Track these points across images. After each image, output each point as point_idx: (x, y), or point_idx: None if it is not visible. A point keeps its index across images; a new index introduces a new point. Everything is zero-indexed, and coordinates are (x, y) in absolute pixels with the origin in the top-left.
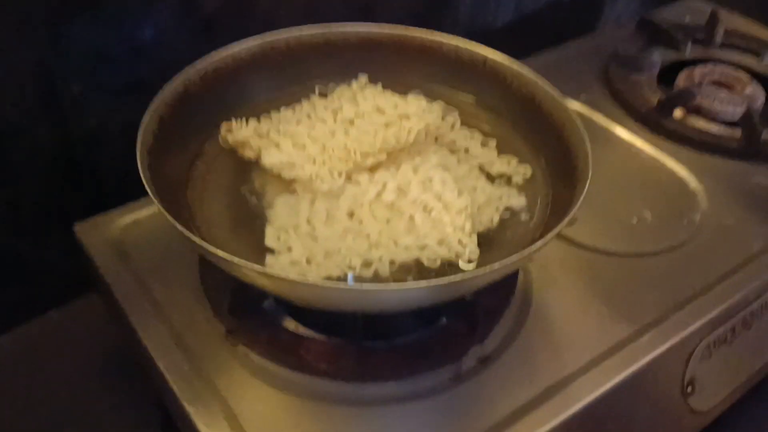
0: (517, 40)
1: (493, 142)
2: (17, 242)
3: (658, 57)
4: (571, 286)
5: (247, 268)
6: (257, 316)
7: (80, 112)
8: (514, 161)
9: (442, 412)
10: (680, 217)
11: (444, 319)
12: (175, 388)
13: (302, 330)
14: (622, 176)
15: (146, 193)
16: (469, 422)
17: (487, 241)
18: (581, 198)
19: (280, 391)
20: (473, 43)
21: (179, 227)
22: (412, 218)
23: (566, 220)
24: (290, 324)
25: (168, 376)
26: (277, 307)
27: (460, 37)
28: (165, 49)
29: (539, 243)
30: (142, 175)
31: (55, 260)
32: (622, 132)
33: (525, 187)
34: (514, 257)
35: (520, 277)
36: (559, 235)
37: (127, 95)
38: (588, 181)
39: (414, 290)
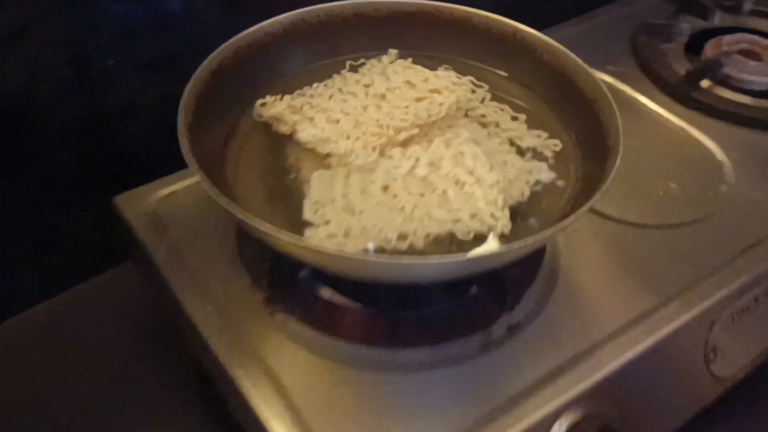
0: (541, 9)
1: (523, 116)
2: (52, 214)
3: (687, 26)
4: (598, 257)
5: (288, 241)
6: (294, 286)
7: (112, 86)
8: (544, 135)
9: (472, 378)
10: (706, 189)
11: (474, 289)
12: (218, 353)
13: (338, 299)
14: (648, 148)
15: (178, 166)
16: (498, 388)
17: (518, 214)
18: (612, 173)
19: (317, 356)
20: (502, 17)
21: (223, 199)
22: (445, 192)
23: (597, 194)
24: (326, 293)
25: (210, 343)
26: (313, 277)
27: (489, 13)
28: (194, 23)
29: (571, 218)
30: (183, 151)
31: (88, 232)
32: (649, 103)
33: (555, 161)
34: (546, 232)
35: (548, 248)
36: (584, 217)
37: (157, 69)
38: (619, 157)
39: (450, 264)
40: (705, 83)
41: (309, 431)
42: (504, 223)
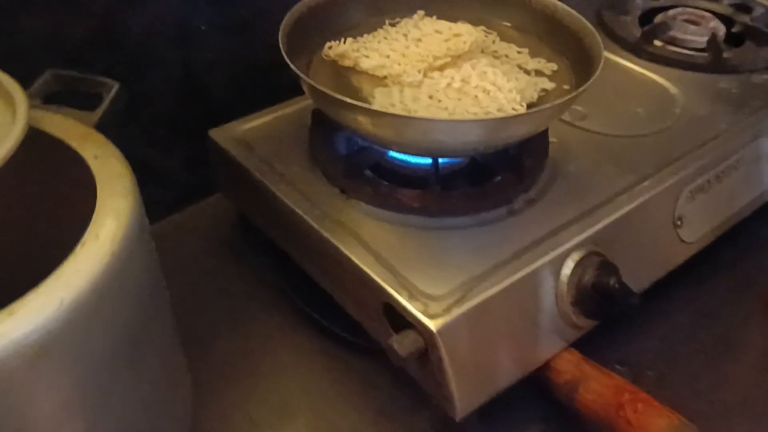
0: None
1: (525, 50)
2: (151, 151)
3: (639, 3)
4: (587, 156)
5: (359, 106)
6: (361, 179)
7: (201, 46)
8: (543, 60)
9: (501, 235)
10: (664, 111)
11: (499, 177)
12: (314, 225)
13: (396, 187)
14: (619, 87)
15: (253, 110)
16: (522, 239)
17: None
18: (596, 74)
19: (386, 223)
20: None
21: (306, 82)
22: (476, 97)
23: (584, 87)
24: (385, 184)
25: (308, 219)
26: (375, 173)
27: None
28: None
29: (565, 99)
30: (286, 58)
31: (178, 168)
32: (616, 58)
33: (553, 77)
34: (546, 105)
35: (551, 152)
36: (575, 126)
37: (235, 34)
38: (602, 60)
39: (475, 123)
40: (657, 42)
41: (387, 264)
42: (521, 110)
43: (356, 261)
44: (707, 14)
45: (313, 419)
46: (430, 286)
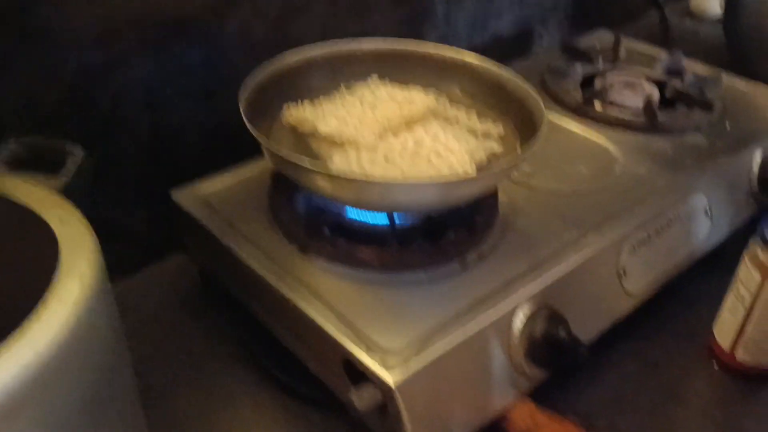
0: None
1: (474, 114)
2: (114, 211)
3: (579, 69)
4: (535, 213)
5: (314, 170)
6: (320, 237)
7: (168, 111)
8: (490, 123)
9: (455, 289)
10: (606, 170)
11: (453, 233)
12: (274, 282)
13: (354, 244)
14: (563, 148)
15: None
16: (474, 292)
17: (480, 170)
18: (540, 135)
19: (344, 281)
20: (455, 49)
21: (266, 142)
22: (429, 159)
23: (529, 150)
24: (343, 241)
25: (268, 277)
26: (333, 231)
27: (446, 45)
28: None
29: (511, 160)
30: (247, 122)
31: (141, 227)
32: (559, 120)
33: (501, 139)
34: (495, 168)
35: (501, 208)
36: (522, 184)
37: (202, 100)
38: (545, 122)
39: (429, 186)
40: (597, 105)
41: (345, 320)
42: (471, 171)
43: (315, 316)
44: (642, 79)
45: None
46: (387, 340)
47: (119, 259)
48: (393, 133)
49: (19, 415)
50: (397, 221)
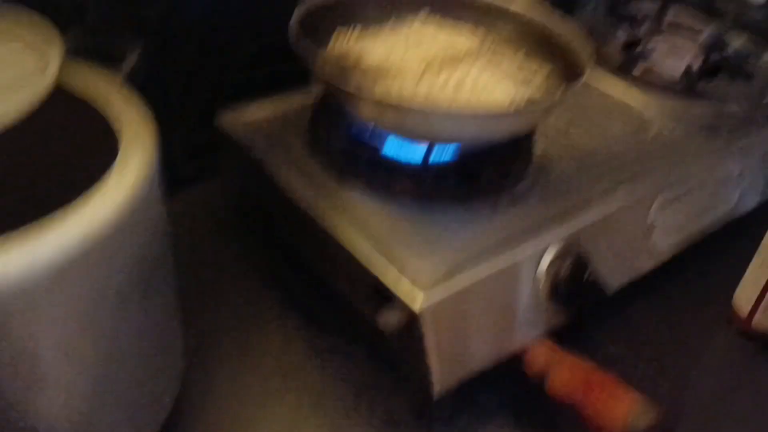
0: None
1: (520, 55)
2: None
3: (624, 31)
4: (569, 164)
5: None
6: (357, 167)
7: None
8: (536, 66)
9: (486, 227)
10: (644, 130)
11: (487, 174)
12: (311, 208)
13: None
14: (600, 107)
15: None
16: (503, 233)
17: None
18: (585, 75)
19: (378, 210)
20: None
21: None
22: (469, 97)
23: (572, 86)
24: (380, 172)
25: (304, 201)
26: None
27: None
28: None
29: (550, 98)
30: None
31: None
32: (600, 80)
33: (543, 83)
34: (534, 104)
35: (535, 159)
36: (558, 137)
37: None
38: (590, 66)
39: (468, 116)
40: (639, 67)
41: (377, 245)
42: (518, 104)
43: (348, 241)
44: (685, 46)
45: (296, 400)
46: (417, 268)
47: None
48: (435, 72)
49: (78, 277)
50: (432, 159)
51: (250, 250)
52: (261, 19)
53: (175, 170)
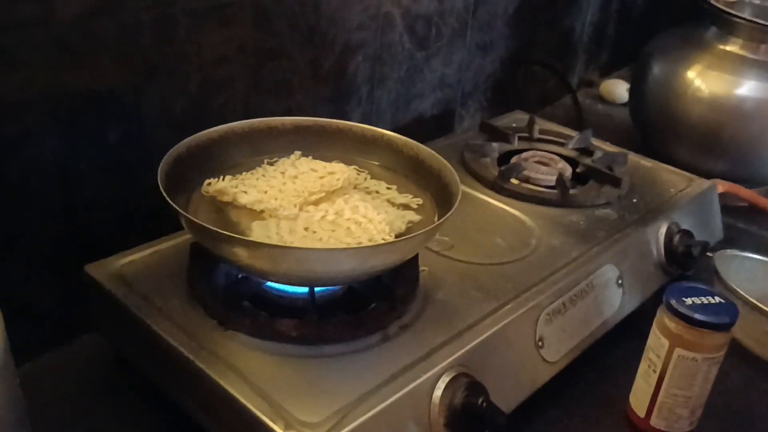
0: None
1: (394, 187)
2: (24, 289)
3: (496, 147)
4: (455, 284)
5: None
6: (239, 310)
7: (82, 186)
8: (409, 195)
9: (376, 360)
10: (522, 242)
11: (374, 304)
12: (191, 358)
13: (273, 316)
14: (482, 221)
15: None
16: (393, 364)
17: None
18: (455, 204)
19: (263, 355)
20: (373, 127)
21: (185, 216)
22: (349, 228)
23: (445, 217)
24: (262, 314)
25: (184, 353)
26: (253, 305)
27: (366, 125)
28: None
29: (429, 228)
30: (164, 194)
31: (52, 306)
32: (477, 194)
33: (419, 210)
34: (413, 234)
35: (421, 280)
36: (442, 255)
37: (119, 176)
38: (459, 195)
39: (347, 252)
40: (513, 180)
41: (264, 394)
42: (390, 239)
43: (232, 392)
44: (555, 156)
45: None
46: (306, 414)
47: (29, 339)
48: (314, 205)
49: None
50: (317, 292)
51: (131, 409)
52: (131, 170)
53: (51, 324)
